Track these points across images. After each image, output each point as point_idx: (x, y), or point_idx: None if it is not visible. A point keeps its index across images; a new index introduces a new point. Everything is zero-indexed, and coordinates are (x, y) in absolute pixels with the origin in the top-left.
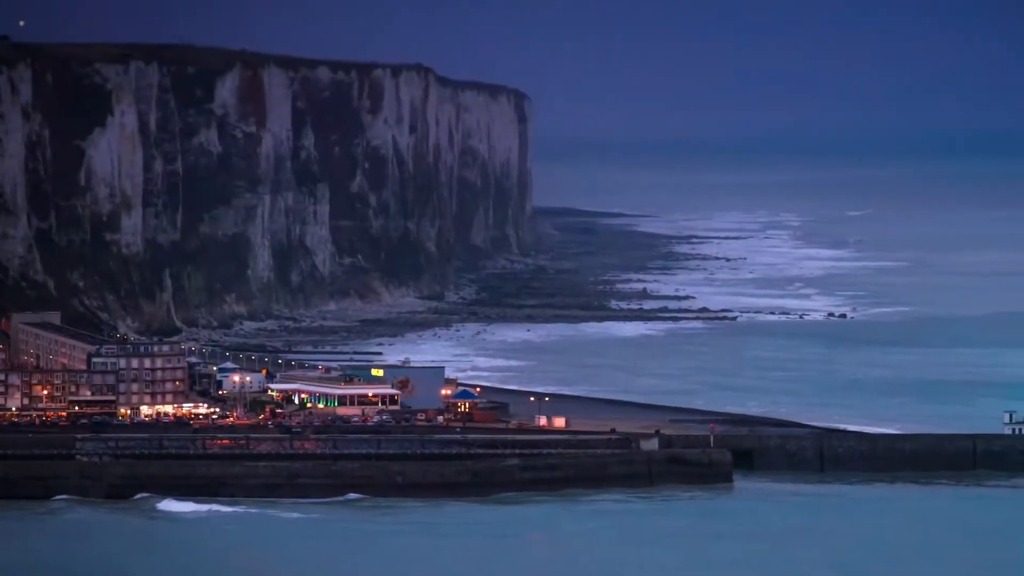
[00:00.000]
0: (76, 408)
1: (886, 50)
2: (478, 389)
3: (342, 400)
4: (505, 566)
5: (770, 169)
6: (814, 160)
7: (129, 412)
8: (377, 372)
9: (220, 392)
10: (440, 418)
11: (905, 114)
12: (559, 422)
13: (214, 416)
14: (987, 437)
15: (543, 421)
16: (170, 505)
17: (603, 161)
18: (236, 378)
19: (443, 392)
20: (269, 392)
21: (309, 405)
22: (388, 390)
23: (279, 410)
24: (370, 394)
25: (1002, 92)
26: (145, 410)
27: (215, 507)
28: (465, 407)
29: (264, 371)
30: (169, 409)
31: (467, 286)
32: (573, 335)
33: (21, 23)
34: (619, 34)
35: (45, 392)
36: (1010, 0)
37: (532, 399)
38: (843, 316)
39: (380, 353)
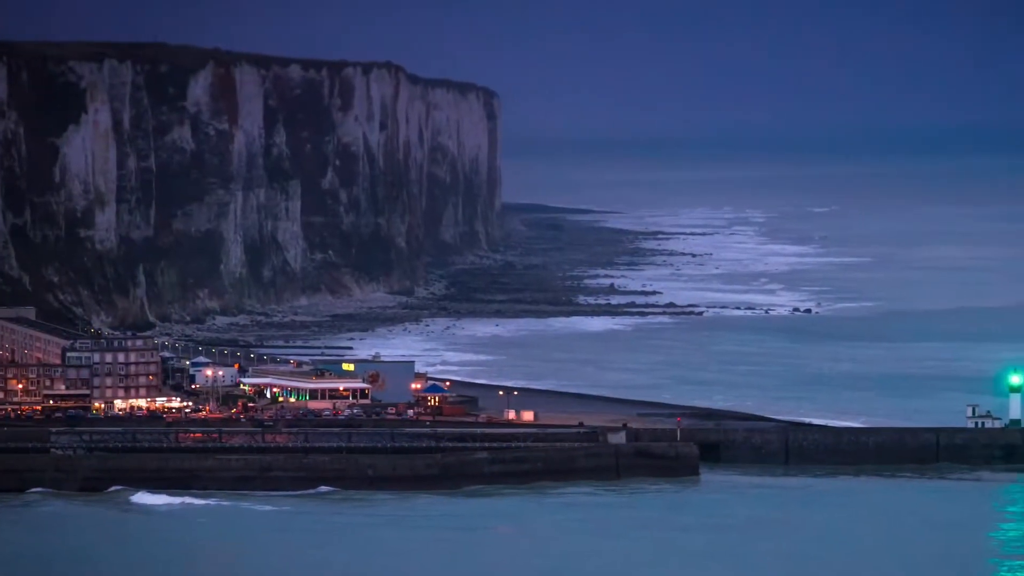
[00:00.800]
0: (51, 402)
1: (851, 49)
2: (448, 383)
3: (313, 394)
4: (474, 558)
5: (736, 166)
6: (779, 157)
7: (103, 406)
8: (348, 366)
9: (193, 386)
10: (410, 412)
11: (869, 112)
12: (528, 416)
13: (187, 410)
14: (950, 431)
15: (512, 415)
16: (143, 498)
17: (571, 158)
18: (209, 372)
19: (413, 386)
20: (241, 386)
21: (281, 399)
22: (359, 384)
23: (251, 404)
24: (341, 388)
25: (965, 91)
26: (119, 404)
27: (188, 500)
28: (435, 401)
29: (236, 365)
30: (143, 403)
31: (437, 281)
32: (541, 330)
33: None
34: (587, 33)
35: (20, 386)
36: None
37: (501, 393)
38: (808, 311)
39: (351, 348)
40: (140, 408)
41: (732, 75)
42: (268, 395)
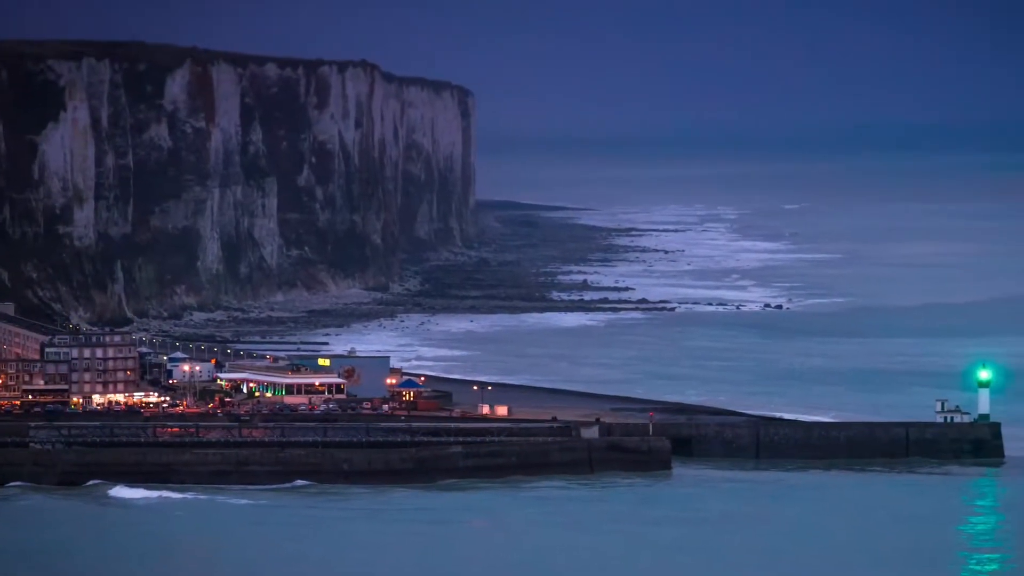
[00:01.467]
0: (29, 397)
1: (821, 48)
2: (422, 378)
3: (289, 389)
4: (448, 551)
5: (708, 163)
6: (751, 154)
7: (81, 401)
8: (324, 362)
9: (170, 381)
10: (385, 407)
11: (840, 110)
12: (501, 410)
13: (164, 405)
14: (920, 425)
15: (486, 410)
16: (121, 491)
17: (545, 156)
18: (186, 367)
19: (388, 381)
20: (218, 381)
21: (257, 394)
22: (334, 379)
23: (228, 399)
24: (317, 383)
25: (934, 89)
26: (97, 399)
27: (165, 493)
28: (410, 396)
29: (213, 361)
30: (120, 398)
31: (412, 278)
32: (515, 325)
33: None
34: (560, 32)
35: None
36: None
37: (475, 388)
38: (779, 307)
39: (327, 343)
40: (118, 403)
41: (704, 74)
42: (244, 390)
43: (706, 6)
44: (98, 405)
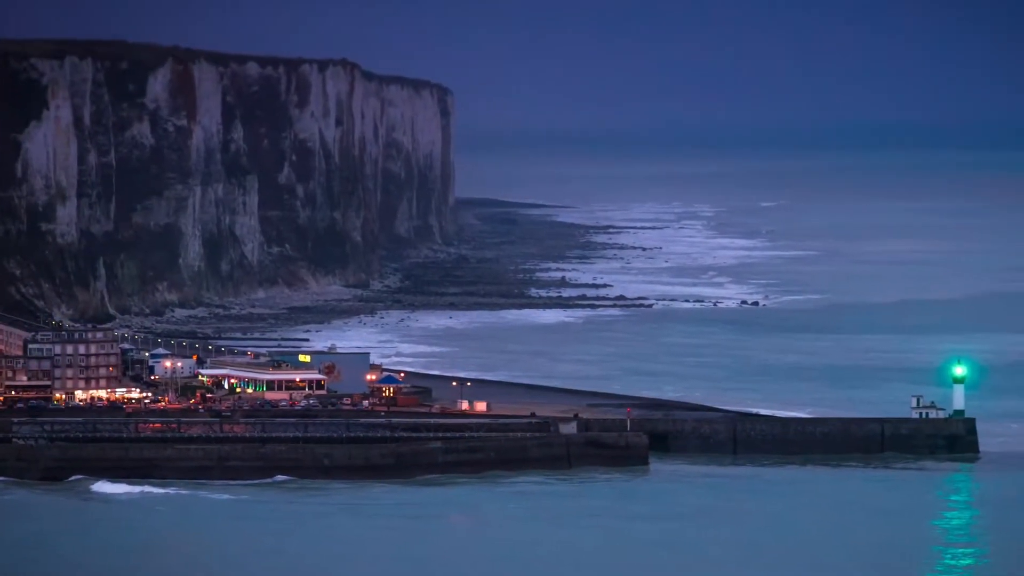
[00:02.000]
0: (12, 393)
1: (798, 45)
2: (402, 374)
3: (270, 385)
4: (428, 546)
5: (685, 161)
6: (728, 152)
7: (64, 397)
8: (304, 358)
9: (152, 377)
10: (365, 402)
11: (817, 108)
12: (480, 406)
13: (146, 400)
14: (895, 421)
15: (465, 405)
16: (104, 487)
17: (524, 154)
18: (168, 364)
19: (368, 377)
20: (200, 377)
21: (238, 390)
22: (315, 375)
23: (209, 395)
24: (297, 379)
25: (911, 87)
26: (79, 395)
27: (147, 489)
28: (389, 392)
29: (195, 357)
30: (103, 394)
31: (391, 275)
32: (494, 322)
33: None
34: (539, 30)
35: None
36: None
37: (454, 384)
38: (756, 304)
39: (307, 339)
40: (100, 399)
41: (681, 72)
42: (226, 386)
43: (685, 5)
44: (80, 401)
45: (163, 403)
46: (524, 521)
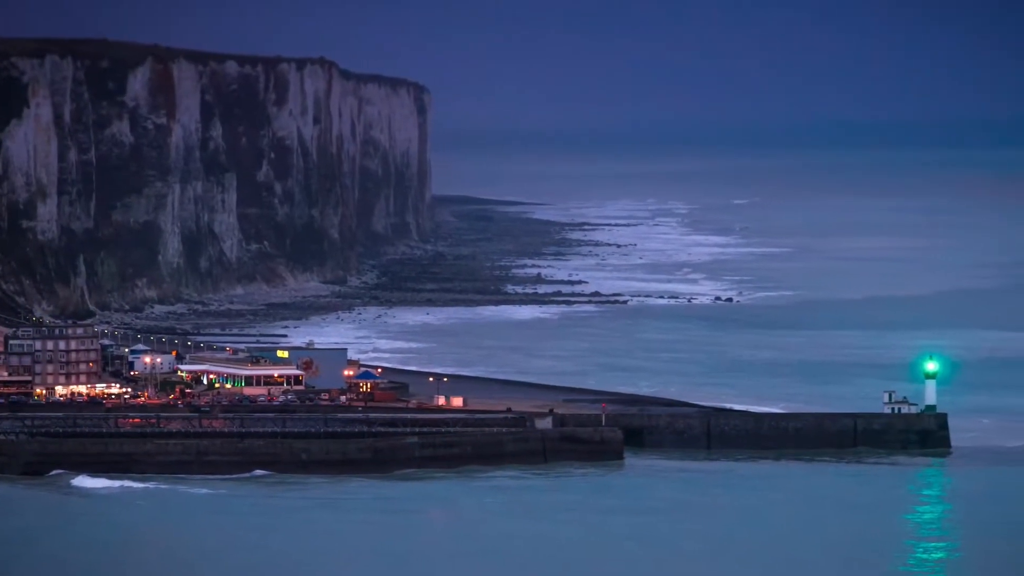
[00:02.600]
0: None
1: (771, 44)
2: (379, 370)
3: (249, 380)
4: (405, 540)
5: (659, 159)
6: (701, 150)
7: (44, 392)
8: (282, 354)
9: (132, 373)
10: (343, 398)
11: (788, 107)
12: (457, 402)
13: (126, 396)
14: (867, 416)
15: (441, 401)
16: (84, 481)
17: (499, 151)
18: (147, 359)
19: (346, 373)
20: (179, 373)
21: (217, 385)
22: (293, 371)
23: (188, 390)
24: (276, 375)
25: (879, 87)
26: (60, 390)
27: (127, 483)
28: (367, 387)
29: (174, 353)
30: (83, 389)
31: (369, 271)
32: (470, 318)
33: None
34: (514, 29)
35: None
36: None
37: (431, 379)
38: (729, 300)
39: (285, 335)
40: (80, 394)
41: (655, 71)
42: (205, 381)
43: (657, 4)
44: (61, 396)
45: (143, 398)
46: (500, 515)
